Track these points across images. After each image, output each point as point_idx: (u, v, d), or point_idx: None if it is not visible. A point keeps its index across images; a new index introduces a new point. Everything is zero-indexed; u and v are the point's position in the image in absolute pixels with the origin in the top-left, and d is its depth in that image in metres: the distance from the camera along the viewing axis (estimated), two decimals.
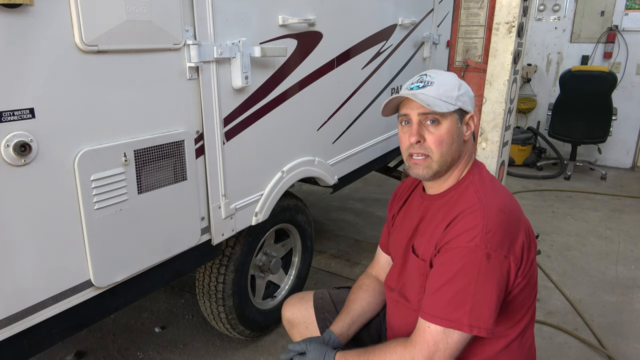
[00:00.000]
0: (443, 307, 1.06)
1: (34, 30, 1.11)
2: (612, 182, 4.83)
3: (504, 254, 1.07)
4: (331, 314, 1.49)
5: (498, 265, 1.06)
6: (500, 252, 1.06)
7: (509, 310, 1.15)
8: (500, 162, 2.57)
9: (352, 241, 3.42)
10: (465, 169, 1.25)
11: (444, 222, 1.16)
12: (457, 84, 1.22)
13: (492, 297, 1.05)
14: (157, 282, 1.60)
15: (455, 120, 1.20)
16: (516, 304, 1.16)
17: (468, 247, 1.06)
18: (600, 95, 4.68)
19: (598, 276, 2.93)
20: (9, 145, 1.09)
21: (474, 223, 1.08)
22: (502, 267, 1.07)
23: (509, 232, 1.09)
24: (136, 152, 1.38)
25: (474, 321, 1.03)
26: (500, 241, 1.07)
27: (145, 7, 1.31)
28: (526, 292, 1.17)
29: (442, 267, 1.10)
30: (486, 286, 1.05)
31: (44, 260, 1.22)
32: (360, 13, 2.46)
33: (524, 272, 1.12)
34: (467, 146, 1.25)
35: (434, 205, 1.25)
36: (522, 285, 1.13)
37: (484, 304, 1.04)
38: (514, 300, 1.15)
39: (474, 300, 1.04)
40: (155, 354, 2.22)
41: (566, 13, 5.32)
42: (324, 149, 2.34)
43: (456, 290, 1.05)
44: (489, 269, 1.05)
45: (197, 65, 1.52)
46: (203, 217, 1.68)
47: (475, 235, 1.07)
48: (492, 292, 1.05)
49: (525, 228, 1.15)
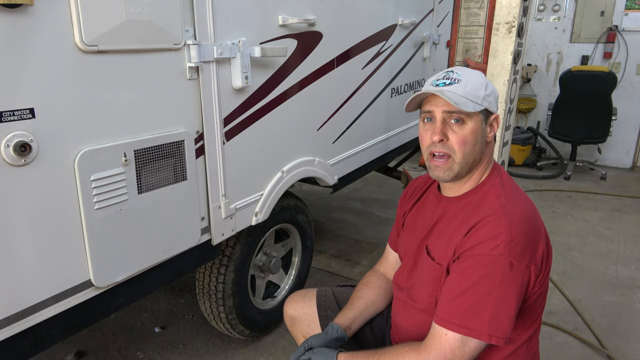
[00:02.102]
0: (461, 315, 1.04)
1: (34, 30, 1.11)
2: (612, 182, 4.83)
3: (526, 263, 1.05)
4: (334, 311, 1.46)
5: (520, 274, 1.04)
6: (522, 261, 1.05)
7: (521, 316, 1.13)
8: (500, 162, 2.57)
9: (352, 241, 3.42)
10: (485, 172, 1.21)
11: (463, 227, 1.13)
12: (484, 83, 1.18)
13: (512, 306, 1.04)
14: (157, 282, 1.60)
15: (480, 121, 1.16)
16: (530, 311, 1.15)
17: (491, 255, 1.04)
18: (600, 95, 4.68)
19: (598, 276, 2.93)
20: (9, 145, 1.09)
21: (499, 230, 1.06)
22: (524, 276, 1.06)
23: (531, 240, 1.07)
24: (136, 152, 1.38)
25: (494, 330, 1.02)
26: (522, 250, 1.05)
27: (145, 7, 1.31)
28: (540, 300, 1.16)
29: (462, 274, 1.08)
30: (507, 295, 1.03)
31: (44, 260, 1.22)
32: (360, 13, 2.46)
33: (541, 281, 1.11)
34: (489, 148, 1.22)
35: (452, 207, 1.21)
36: (538, 294, 1.13)
37: (504, 312, 1.03)
38: (528, 307, 1.14)
39: (494, 309, 1.02)
40: (155, 354, 2.22)
41: (566, 13, 5.32)
42: (324, 149, 2.34)
43: (476, 298, 1.03)
44: (511, 277, 1.03)
45: (197, 65, 1.52)
46: (203, 217, 1.68)
47: (499, 243, 1.04)
48: (512, 301, 1.04)
49: (545, 236, 1.13)
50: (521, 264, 1.05)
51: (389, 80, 2.91)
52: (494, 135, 1.21)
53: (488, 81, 1.21)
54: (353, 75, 2.50)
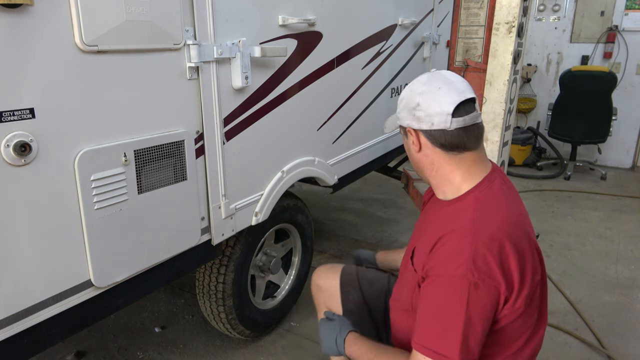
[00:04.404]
0: (434, 341, 1.02)
1: (34, 30, 1.11)
2: (612, 182, 4.83)
3: (494, 284, 1.00)
4: (354, 289, 1.59)
5: (487, 295, 1.00)
6: (489, 281, 0.99)
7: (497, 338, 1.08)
8: (500, 162, 2.57)
9: (352, 241, 3.42)
10: (465, 181, 1.14)
11: (434, 237, 1.09)
12: (402, 97, 1.18)
13: (479, 329, 1.00)
14: (157, 282, 1.60)
15: (404, 136, 1.21)
16: (507, 334, 1.09)
17: (455, 275, 1.00)
18: (600, 95, 4.68)
19: (598, 276, 2.93)
20: (9, 145, 1.09)
21: (461, 248, 1.01)
22: (492, 298, 1.00)
23: (501, 261, 1.00)
24: (136, 152, 1.38)
25: (464, 355, 0.99)
26: (489, 270, 0.99)
27: (145, 7, 1.31)
28: (520, 322, 1.08)
29: (429, 296, 1.06)
30: (474, 318, 0.99)
31: (43, 260, 1.22)
32: (360, 13, 2.46)
33: (518, 306, 1.03)
34: (431, 159, 1.16)
35: (442, 212, 1.18)
36: (512, 319, 1.06)
37: (472, 336, 1.00)
38: (502, 330, 1.07)
39: (463, 334, 0.99)
40: (155, 354, 2.22)
41: (566, 13, 5.32)
42: (324, 149, 2.34)
43: (446, 323, 1.01)
44: (477, 299, 0.99)
45: (197, 65, 1.52)
46: (203, 217, 1.68)
47: (462, 262, 1.00)
48: (479, 324, 1.00)
49: (528, 254, 1.05)
50: (488, 285, 0.99)
51: (389, 81, 2.91)
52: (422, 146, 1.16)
53: (405, 93, 1.18)
54: (353, 75, 2.50)
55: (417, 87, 1.14)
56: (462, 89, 1.11)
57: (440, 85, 1.11)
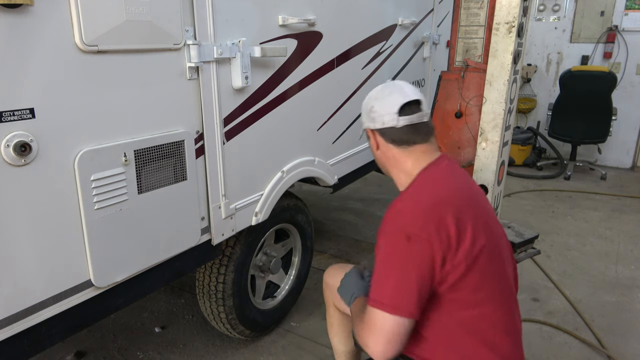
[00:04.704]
0: (375, 290, 1.12)
1: (34, 30, 1.11)
2: (612, 182, 4.83)
3: (425, 236, 1.08)
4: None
5: (420, 248, 1.08)
6: (421, 234, 1.08)
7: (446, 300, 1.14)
8: (500, 162, 2.57)
9: (352, 241, 3.42)
10: (414, 169, 1.28)
11: None
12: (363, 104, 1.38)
13: (412, 279, 1.08)
14: (157, 282, 1.60)
15: (367, 139, 1.39)
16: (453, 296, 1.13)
17: (392, 230, 1.13)
18: (600, 95, 4.68)
19: (598, 276, 2.93)
20: (9, 145, 1.09)
21: (399, 207, 1.17)
22: (424, 251, 1.08)
23: (433, 217, 1.11)
24: (136, 152, 1.38)
25: (396, 300, 1.07)
26: (422, 224, 1.09)
27: (145, 7, 1.31)
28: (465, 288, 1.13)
29: (376, 256, 1.17)
30: (407, 267, 1.08)
31: (44, 260, 1.22)
32: (360, 13, 2.46)
33: (457, 259, 1.10)
34: (387, 155, 1.33)
35: None
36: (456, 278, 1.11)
37: (405, 285, 1.08)
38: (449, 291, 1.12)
39: (397, 282, 1.08)
40: (155, 354, 2.22)
41: (566, 13, 5.32)
42: (324, 149, 2.34)
43: (385, 274, 1.12)
44: (410, 250, 1.09)
45: (197, 65, 1.52)
46: (203, 217, 1.68)
47: (397, 218, 1.14)
48: (412, 274, 1.08)
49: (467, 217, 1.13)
50: (420, 237, 1.08)
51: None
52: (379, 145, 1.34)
53: (365, 101, 1.37)
54: (353, 75, 2.50)
55: (373, 94, 1.36)
56: (409, 93, 1.29)
57: (391, 91, 1.31)
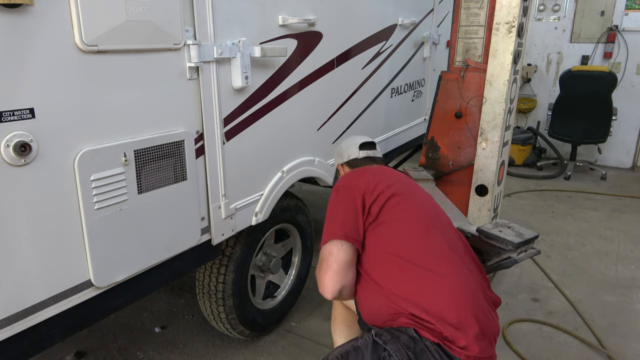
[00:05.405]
0: (326, 232, 1.46)
1: (34, 30, 1.11)
2: (612, 182, 4.84)
3: (349, 186, 1.50)
4: None
5: (348, 192, 1.48)
6: (351, 185, 1.50)
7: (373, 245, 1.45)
8: (500, 162, 2.57)
9: None
10: None
11: None
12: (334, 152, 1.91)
13: (350, 214, 1.44)
14: (157, 282, 1.60)
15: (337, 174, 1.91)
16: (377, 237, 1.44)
17: (333, 190, 1.57)
18: (600, 95, 4.68)
19: (598, 276, 2.93)
20: (9, 145, 1.09)
21: (342, 179, 1.62)
22: (352, 193, 1.47)
23: (354, 178, 1.56)
24: (136, 152, 1.38)
25: (346, 232, 1.41)
26: (353, 181, 1.53)
27: (145, 7, 1.31)
28: (387, 227, 1.44)
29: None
30: (344, 208, 1.46)
31: (44, 260, 1.22)
32: (360, 13, 2.46)
33: (374, 194, 1.46)
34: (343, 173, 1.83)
35: None
36: (380, 206, 1.45)
37: (347, 220, 1.43)
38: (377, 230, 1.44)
39: (341, 219, 1.44)
40: (155, 354, 2.22)
41: (566, 13, 5.32)
42: (324, 149, 2.34)
43: (329, 218, 1.49)
44: (342, 197, 1.49)
45: (197, 65, 1.52)
46: (203, 217, 1.68)
47: (334, 189, 1.57)
48: (350, 211, 1.45)
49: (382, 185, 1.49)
50: (346, 187, 1.51)
51: (389, 80, 2.91)
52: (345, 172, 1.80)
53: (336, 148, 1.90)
54: (353, 75, 2.50)
55: (341, 142, 1.88)
56: (366, 138, 1.83)
57: (354, 138, 1.85)
